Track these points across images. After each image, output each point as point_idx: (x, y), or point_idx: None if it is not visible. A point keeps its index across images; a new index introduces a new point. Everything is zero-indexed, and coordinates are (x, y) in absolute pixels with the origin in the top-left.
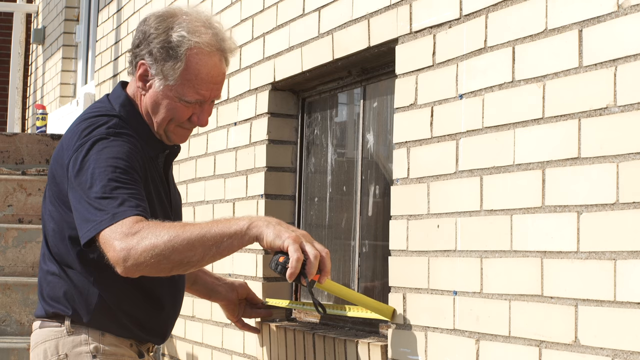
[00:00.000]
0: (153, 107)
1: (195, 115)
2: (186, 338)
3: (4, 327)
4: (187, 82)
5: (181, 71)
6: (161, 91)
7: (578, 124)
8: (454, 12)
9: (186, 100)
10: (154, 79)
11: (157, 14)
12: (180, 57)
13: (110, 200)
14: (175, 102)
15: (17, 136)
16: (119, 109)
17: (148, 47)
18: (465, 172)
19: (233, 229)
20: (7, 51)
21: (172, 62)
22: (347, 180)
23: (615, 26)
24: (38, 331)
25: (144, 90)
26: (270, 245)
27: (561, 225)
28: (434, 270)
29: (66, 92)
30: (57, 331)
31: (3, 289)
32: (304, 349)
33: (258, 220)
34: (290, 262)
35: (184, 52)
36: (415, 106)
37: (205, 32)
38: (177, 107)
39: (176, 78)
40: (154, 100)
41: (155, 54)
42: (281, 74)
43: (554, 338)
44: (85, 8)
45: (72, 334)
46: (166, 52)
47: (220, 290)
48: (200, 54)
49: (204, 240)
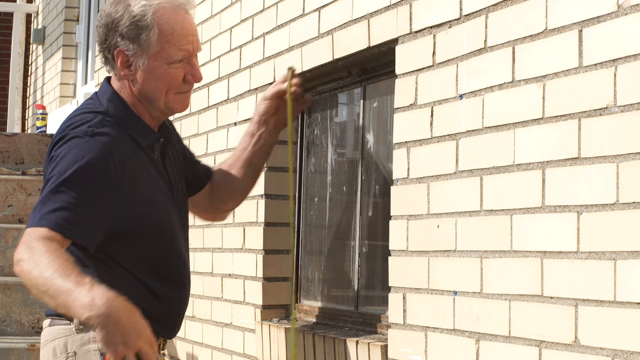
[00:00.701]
0: (146, 86)
1: (189, 74)
2: (186, 338)
3: (4, 327)
4: (167, 44)
5: (157, 36)
6: (147, 66)
7: (578, 124)
8: (454, 12)
9: (174, 60)
10: (136, 59)
11: (110, 5)
12: (151, 24)
13: (51, 202)
14: (165, 69)
15: (17, 136)
16: (106, 104)
17: (116, 33)
18: (465, 172)
19: (77, 309)
20: (7, 51)
21: (145, 32)
22: (347, 180)
23: (615, 26)
24: (48, 329)
25: (131, 75)
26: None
27: (561, 225)
28: (434, 270)
29: (66, 92)
30: (66, 329)
31: (3, 289)
32: (304, 349)
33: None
34: None
35: (151, 18)
36: (415, 106)
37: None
38: (169, 73)
39: (155, 45)
40: (144, 78)
41: (126, 34)
42: (281, 74)
43: (554, 338)
44: (85, 8)
45: (80, 331)
46: (135, 26)
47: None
48: (167, 13)
49: (57, 300)
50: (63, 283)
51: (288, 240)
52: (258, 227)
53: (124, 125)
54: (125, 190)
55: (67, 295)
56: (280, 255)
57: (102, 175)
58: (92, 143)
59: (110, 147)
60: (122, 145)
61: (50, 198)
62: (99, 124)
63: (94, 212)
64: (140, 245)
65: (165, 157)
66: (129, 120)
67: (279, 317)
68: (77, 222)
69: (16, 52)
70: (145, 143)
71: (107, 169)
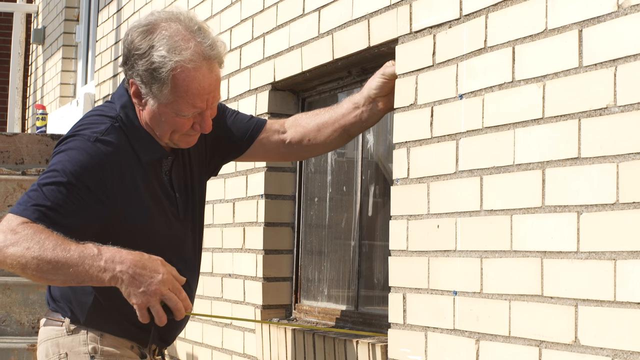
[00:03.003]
0: (152, 122)
1: (197, 124)
2: (186, 338)
3: (4, 327)
4: (179, 99)
5: (169, 91)
6: (156, 108)
7: (578, 124)
8: (454, 12)
9: (183, 115)
10: (147, 98)
11: (139, 27)
12: (165, 79)
13: (41, 198)
14: (173, 116)
15: (17, 136)
16: (119, 110)
17: (133, 67)
18: (465, 172)
19: (95, 274)
20: (7, 51)
21: (157, 84)
22: (347, 180)
23: (615, 26)
24: (42, 329)
25: (140, 105)
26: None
27: (561, 225)
28: (434, 270)
29: (66, 92)
30: (58, 330)
31: (3, 289)
32: (304, 349)
33: (119, 272)
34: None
35: (167, 73)
36: (415, 106)
37: (186, 47)
38: (176, 121)
39: (167, 97)
40: (151, 116)
41: (141, 75)
42: (281, 74)
43: (554, 338)
44: (85, 8)
45: (71, 333)
46: (150, 75)
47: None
48: (185, 71)
49: (66, 272)
50: (68, 255)
51: (288, 240)
52: (258, 227)
53: (130, 135)
54: (116, 202)
55: (77, 266)
56: (280, 255)
57: (97, 185)
58: (93, 149)
59: (109, 157)
60: (124, 156)
61: (43, 193)
62: (105, 132)
63: (80, 218)
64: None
65: (173, 173)
66: (137, 132)
67: (279, 317)
68: (60, 223)
69: (16, 52)
70: (146, 158)
71: (102, 180)
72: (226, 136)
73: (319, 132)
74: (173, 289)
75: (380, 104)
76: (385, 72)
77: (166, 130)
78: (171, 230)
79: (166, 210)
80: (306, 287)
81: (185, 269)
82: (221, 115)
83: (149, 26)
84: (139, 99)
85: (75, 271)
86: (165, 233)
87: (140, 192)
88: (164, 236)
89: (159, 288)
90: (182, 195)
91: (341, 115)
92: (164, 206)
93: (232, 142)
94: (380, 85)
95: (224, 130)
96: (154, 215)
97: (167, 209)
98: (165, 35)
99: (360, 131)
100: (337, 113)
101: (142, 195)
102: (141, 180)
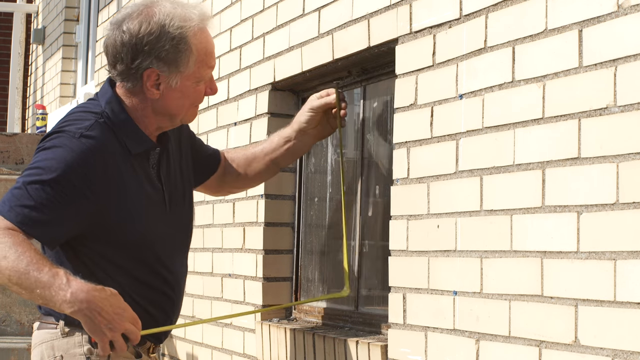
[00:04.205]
0: (171, 103)
1: (208, 87)
2: (186, 338)
3: (4, 327)
4: (199, 63)
5: (195, 59)
6: (179, 85)
7: (578, 124)
8: (454, 12)
9: (203, 79)
10: (169, 79)
11: (134, 21)
12: (190, 47)
13: (25, 197)
14: (194, 87)
15: (17, 136)
16: (104, 105)
17: (150, 55)
18: (465, 172)
19: (59, 303)
20: (7, 51)
21: (184, 56)
22: (347, 180)
23: (615, 26)
24: (36, 333)
25: (158, 94)
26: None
27: (561, 225)
28: (434, 270)
29: (66, 92)
30: (52, 333)
31: (3, 289)
32: (304, 349)
33: (86, 309)
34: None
35: (190, 41)
36: (415, 106)
37: (191, 12)
38: (196, 91)
39: (192, 67)
40: (172, 97)
41: (165, 57)
42: (281, 74)
43: (554, 338)
44: (85, 8)
45: (66, 335)
46: (175, 49)
47: (299, 148)
48: (199, 34)
49: (32, 291)
50: (39, 276)
51: (288, 240)
52: (258, 227)
53: (117, 130)
54: (102, 197)
55: (44, 289)
56: (280, 255)
57: (82, 181)
58: (78, 145)
59: (94, 152)
60: (109, 151)
61: (27, 192)
62: (90, 127)
63: (61, 216)
64: (116, 252)
65: (161, 166)
66: (124, 126)
67: (279, 317)
68: (43, 223)
69: (16, 52)
70: (136, 150)
71: (87, 175)
72: (196, 157)
73: (249, 167)
74: (133, 321)
75: (310, 135)
76: (312, 105)
77: (186, 105)
78: (159, 226)
79: (154, 204)
80: (306, 287)
81: (173, 263)
82: (192, 135)
83: (141, 14)
84: (156, 87)
85: (42, 293)
86: (152, 227)
87: (127, 186)
88: (151, 231)
89: (124, 324)
90: (169, 189)
91: (271, 149)
92: (151, 200)
93: (199, 169)
94: (309, 120)
95: (194, 150)
96: (141, 209)
97: (155, 203)
98: (165, 11)
99: (289, 162)
100: (268, 147)
101: (128, 189)
102: (128, 174)
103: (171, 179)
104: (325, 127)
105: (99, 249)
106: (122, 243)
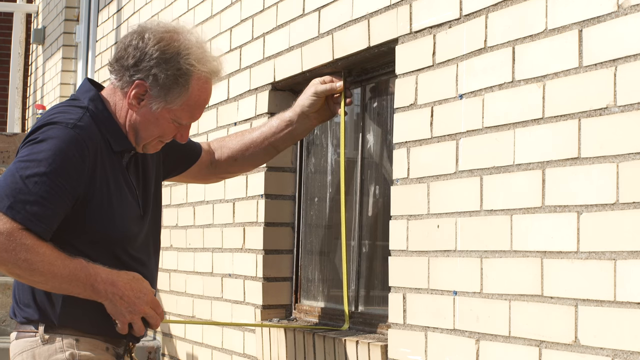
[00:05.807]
0: (142, 125)
1: (179, 134)
2: (186, 338)
3: (4, 327)
4: (186, 107)
5: (185, 99)
6: (159, 112)
7: (578, 124)
8: (454, 12)
9: (181, 122)
10: (153, 101)
11: (158, 35)
12: (187, 86)
13: (25, 192)
14: (169, 122)
15: (17, 136)
16: (87, 102)
17: (151, 70)
18: (465, 172)
19: (89, 291)
20: (7, 51)
21: (179, 89)
22: (347, 180)
23: (615, 26)
24: (14, 342)
25: (135, 108)
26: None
27: (561, 225)
28: (434, 270)
29: (66, 92)
30: (32, 341)
31: (3, 289)
32: (304, 349)
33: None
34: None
35: (190, 81)
36: (415, 106)
37: (211, 60)
38: (169, 127)
39: (177, 104)
40: (146, 119)
41: (162, 80)
42: (281, 74)
43: (554, 338)
44: (85, 8)
45: (46, 342)
46: (174, 79)
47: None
48: (202, 82)
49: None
50: (67, 264)
51: (288, 241)
52: (258, 227)
53: (100, 126)
54: (90, 189)
55: (69, 282)
56: (280, 255)
57: (77, 171)
58: (72, 135)
59: (87, 142)
60: (97, 143)
61: (26, 185)
62: (80, 118)
63: (60, 208)
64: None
65: (133, 167)
66: (107, 123)
67: (279, 317)
68: (45, 217)
69: (16, 52)
70: (118, 148)
71: (82, 164)
72: (174, 151)
73: (246, 151)
74: (153, 306)
75: (312, 119)
76: (317, 90)
77: (154, 134)
78: (134, 223)
79: (130, 202)
80: (306, 287)
81: (149, 262)
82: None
83: (169, 34)
84: (138, 100)
85: (67, 282)
86: (130, 224)
87: (109, 180)
88: (129, 228)
89: (144, 308)
90: (140, 191)
91: (271, 133)
92: (128, 198)
93: (177, 158)
94: (312, 104)
95: (168, 146)
96: (121, 206)
97: (131, 201)
98: (187, 44)
99: (288, 145)
100: (267, 131)
101: (110, 183)
102: (110, 169)
103: (141, 181)
104: (325, 112)
105: (77, 245)
106: (99, 238)
